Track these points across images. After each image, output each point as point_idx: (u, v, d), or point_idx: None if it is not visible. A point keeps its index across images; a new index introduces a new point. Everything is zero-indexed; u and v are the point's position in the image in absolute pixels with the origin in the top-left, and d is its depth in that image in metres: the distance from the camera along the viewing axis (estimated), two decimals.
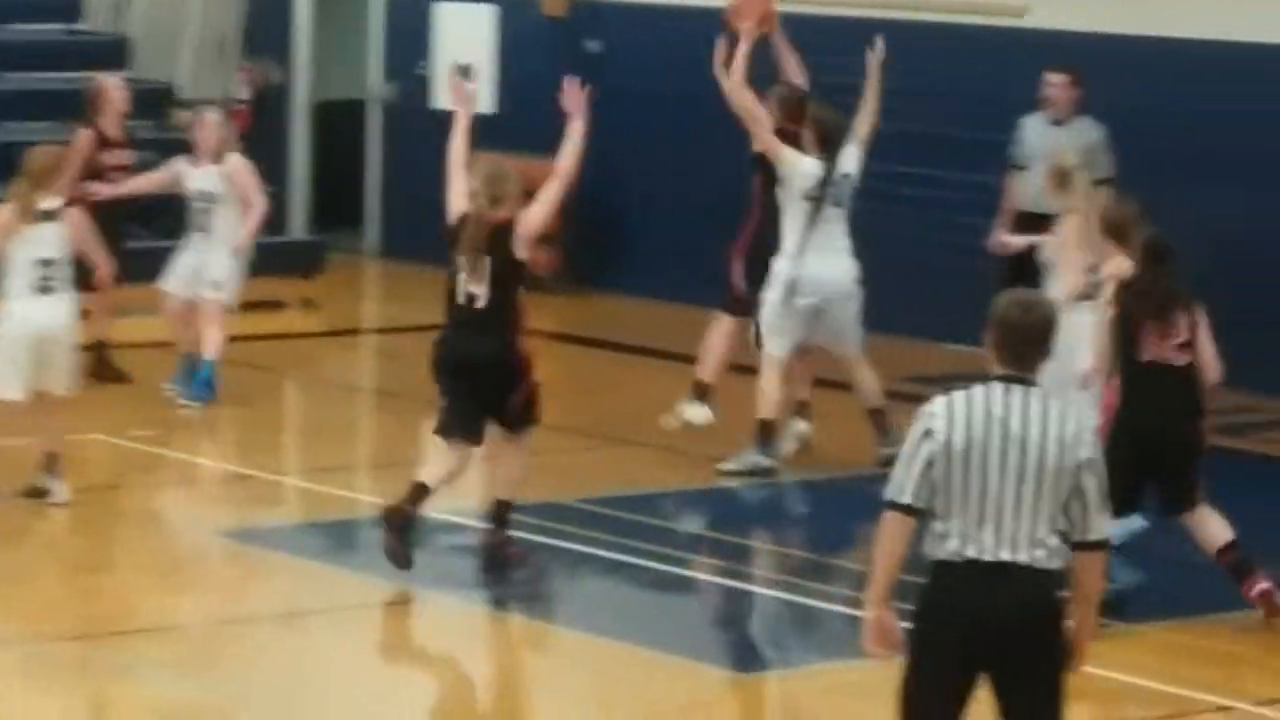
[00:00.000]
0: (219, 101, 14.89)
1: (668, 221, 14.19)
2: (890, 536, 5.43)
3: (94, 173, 11.67)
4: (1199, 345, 8.77)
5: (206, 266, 11.17)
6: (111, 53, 16.10)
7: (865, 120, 10.49)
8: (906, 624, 5.49)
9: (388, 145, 16.29)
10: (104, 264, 9.84)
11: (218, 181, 11.29)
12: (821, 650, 8.86)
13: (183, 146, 12.48)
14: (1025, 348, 5.48)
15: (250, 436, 11.07)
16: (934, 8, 14.05)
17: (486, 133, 12.39)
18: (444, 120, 10.77)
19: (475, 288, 8.50)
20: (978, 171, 12.79)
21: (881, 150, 11.49)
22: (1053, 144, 12.16)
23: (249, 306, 12.00)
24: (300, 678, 7.82)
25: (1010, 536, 5.38)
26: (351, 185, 16.09)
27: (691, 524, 10.33)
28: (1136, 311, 8.89)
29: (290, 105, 17.04)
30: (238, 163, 11.31)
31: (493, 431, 8.77)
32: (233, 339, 11.51)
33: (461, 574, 9.06)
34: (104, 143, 11.82)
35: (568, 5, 15.90)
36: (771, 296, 10.17)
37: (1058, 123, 12.31)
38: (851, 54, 11.82)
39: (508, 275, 8.60)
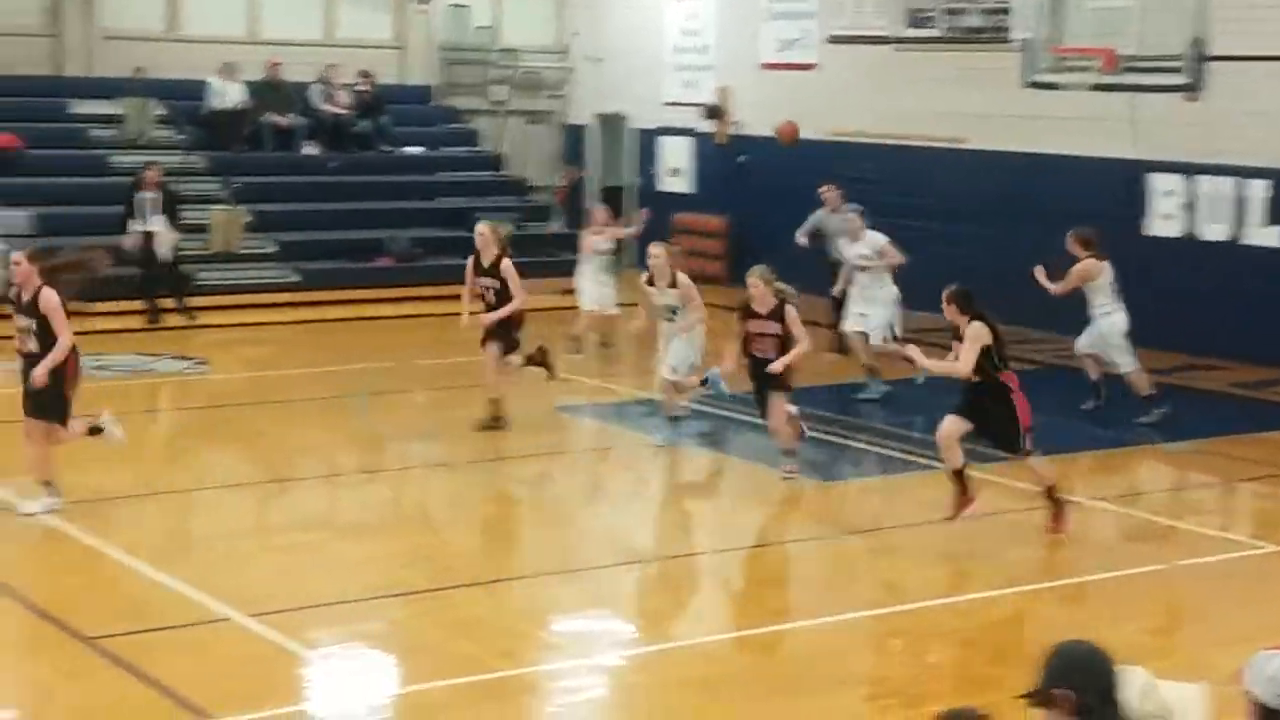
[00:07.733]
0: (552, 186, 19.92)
1: (782, 241, 15.54)
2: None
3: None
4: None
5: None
6: (493, 162, 21.54)
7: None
8: None
9: (635, 209, 19.09)
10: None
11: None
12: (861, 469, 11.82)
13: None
14: None
15: None
16: (917, 136, 17.50)
17: (687, 203, 18.03)
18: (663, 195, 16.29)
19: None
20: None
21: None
22: (829, 224, 14.96)
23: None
24: None
25: None
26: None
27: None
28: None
29: (588, 189, 22.21)
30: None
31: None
32: None
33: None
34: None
35: (729, 139, 20.24)
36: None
37: (834, 211, 14.90)
38: (872, 168, 16.40)
39: None
